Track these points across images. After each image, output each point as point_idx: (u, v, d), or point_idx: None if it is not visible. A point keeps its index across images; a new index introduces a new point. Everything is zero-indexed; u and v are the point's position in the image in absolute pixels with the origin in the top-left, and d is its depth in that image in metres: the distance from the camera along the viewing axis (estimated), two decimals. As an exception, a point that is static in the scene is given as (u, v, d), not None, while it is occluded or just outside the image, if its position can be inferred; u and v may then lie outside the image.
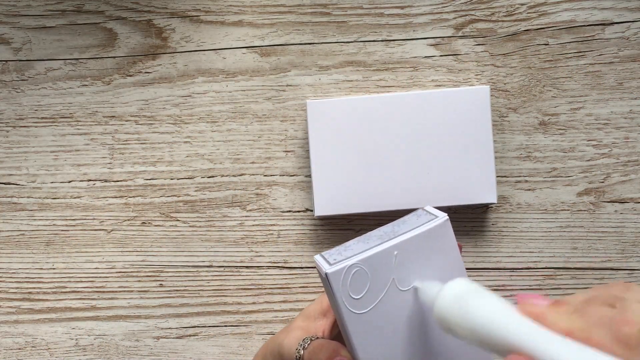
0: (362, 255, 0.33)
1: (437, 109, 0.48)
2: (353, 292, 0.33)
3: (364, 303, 0.33)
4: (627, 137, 0.50)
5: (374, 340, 0.33)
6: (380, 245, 0.33)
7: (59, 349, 0.53)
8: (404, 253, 0.34)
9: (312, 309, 0.41)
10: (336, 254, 0.34)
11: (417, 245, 0.34)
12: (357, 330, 0.33)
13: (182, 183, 0.52)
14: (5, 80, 0.52)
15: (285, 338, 0.39)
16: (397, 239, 0.34)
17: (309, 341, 0.37)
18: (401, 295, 0.34)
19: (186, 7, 0.51)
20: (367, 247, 0.34)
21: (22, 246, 0.53)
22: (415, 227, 0.34)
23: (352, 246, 0.35)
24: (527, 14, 0.49)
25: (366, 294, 0.33)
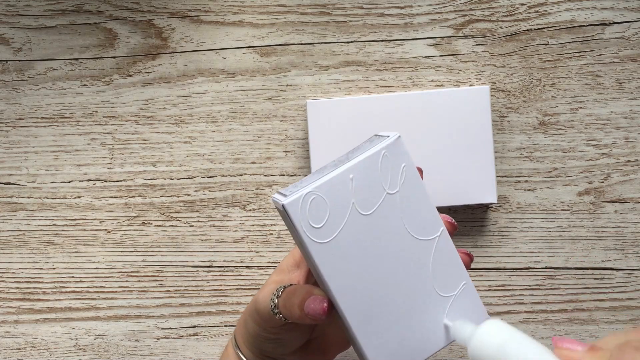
0: (317, 183, 0.32)
1: (437, 109, 0.48)
2: (314, 221, 0.32)
3: (327, 231, 0.32)
4: (627, 137, 0.50)
5: (343, 268, 0.33)
6: (334, 170, 0.33)
7: (59, 349, 0.53)
8: (360, 176, 0.33)
9: (284, 262, 0.41)
10: (292, 187, 0.33)
11: (372, 167, 0.33)
12: (323, 260, 0.33)
13: (182, 183, 0.52)
14: (5, 80, 0.52)
15: (259, 293, 0.39)
16: (351, 162, 0.33)
17: (282, 289, 0.37)
18: (364, 219, 0.33)
19: (186, 7, 0.51)
20: (321, 175, 0.33)
21: (22, 246, 0.53)
22: (368, 149, 0.34)
23: (308, 179, 0.34)
24: (527, 14, 0.50)
25: (327, 221, 0.32)
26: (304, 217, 0.32)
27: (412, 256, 0.34)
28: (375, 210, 0.33)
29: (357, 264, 0.33)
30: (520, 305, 0.51)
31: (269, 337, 0.39)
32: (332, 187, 0.33)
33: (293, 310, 0.35)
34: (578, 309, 0.51)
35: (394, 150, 0.34)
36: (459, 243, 0.51)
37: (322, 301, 0.34)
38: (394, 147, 0.34)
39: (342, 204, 0.33)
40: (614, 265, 0.51)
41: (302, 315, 0.34)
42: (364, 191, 0.33)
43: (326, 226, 0.32)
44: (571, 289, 0.51)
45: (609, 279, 0.51)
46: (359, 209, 0.33)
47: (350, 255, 0.33)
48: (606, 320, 0.51)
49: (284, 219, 0.34)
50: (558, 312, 0.51)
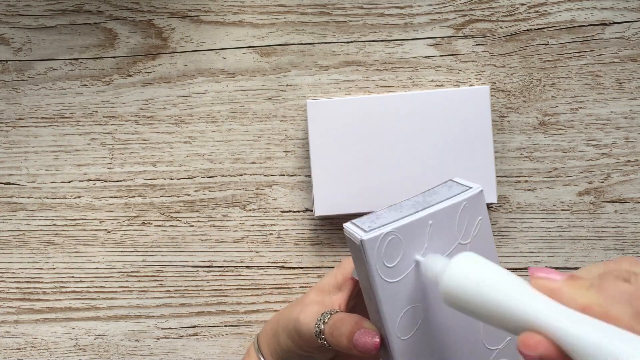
0: (398, 224, 0.32)
1: (437, 109, 0.48)
2: (386, 261, 0.32)
3: (396, 272, 0.32)
4: (627, 137, 0.50)
5: (403, 309, 0.33)
6: (416, 214, 0.33)
7: (59, 349, 0.53)
8: (438, 223, 0.33)
9: (326, 282, 0.40)
10: (369, 222, 0.33)
11: (451, 216, 0.33)
12: (387, 299, 0.32)
13: (182, 183, 0.52)
14: (5, 80, 0.52)
15: (300, 313, 0.38)
16: (432, 208, 0.33)
17: (329, 315, 0.36)
18: None
19: (186, 7, 0.51)
20: (401, 216, 0.33)
21: (22, 246, 0.53)
22: (449, 197, 0.34)
23: (384, 214, 0.34)
24: (527, 14, 0.49)
25: (399, 262, 0.32)
26: (379, 255, 0.32)
27: None
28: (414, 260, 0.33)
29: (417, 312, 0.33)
30: (520, 305, 0.51)
31: (301, 354, 0.39)
32: (411, 230, 0.33)
33: (341, 340, 0.35)
34: (578, 309, 0.51)
35: (474, 203, 0.34)
36: (459, 243, 0.51)
37: (374, 336, 0.34)
38: (475, 200, 0.34)
39: (417, 247, 0.33)
40: (614, 265, 0.51)
41: (350, 346, 0.34)
42: (438, 238, 0.33)
43: (397, 267, 0.33)
44: (571, 289, 0.51)
45: (609, 279, 0.51)
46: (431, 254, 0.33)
47: (412, 298, 0.33)
48: (606, 320, 0.51)
49: (353, 251, 0.34)
50: (558, 312, 0.51)
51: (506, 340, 0.36)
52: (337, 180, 0.48)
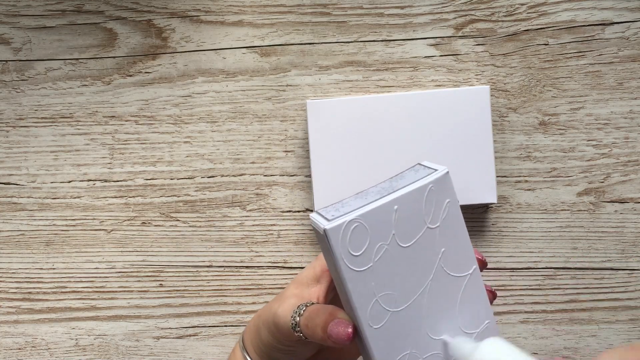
0: (361, 210, 0.32)
1: (437, 109, 0.48)
2: (352, 249, 0.32)
3: (364, 260, 0.32)
4: (627, 137, 0.50)
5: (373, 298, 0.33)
6: (380, 199, 0.32)
7: (59, 349, 0.53)
8: (404, 208, 0.32)
9: (304, 275, 0.40)
10: (333, 210, 0.33)
11: (417, 199, 0.33)
12: (356, 288, 0.32)
13: (182, 183, 0.52)
14: (5, 80, 0.52)
15: (279, 307, 0.38)
16: (397, 193, 0.33)
17: (304, 307, 0.36)
18: (401, 250, 0.33)
19: (186, 7, 0.51)
20: (365, 202, 0.32)
21: (22, 246, 0.53)
22: (414, 180, 0.33)
23: (349, 202, 0.33)
24: (527, 14, 0.50)
25: (365, 250, 0.32)
26: (344, 244, 0.32)
27: (442, 291, 0.34)
28: (413, 243, 0.33)
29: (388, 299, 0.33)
30: (520, 305, 0.51)
31: (283, 349, 0.39)
32: (375, 217, 0.32)
33: (315, 331, 0.35)
34: (578, 309, 0.51)
35: (440, 185, 0.33)
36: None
37: (347, 326, 0.33)
38: (441, 182, 0.33)
39: (383, 234, 0.32)
40: (614, 265, 0.51)
41: (325, 337, 0.34)
42: (405, 223, 0.33)
43: (364, 255, 0.32)
44: (571, 289, 0.51)
45: (609, 279, 0.51)
46: (398, 240, 0.33)
47: (383, 286, 0.33)
48: (606, 320, 0.51)
49: (320, 241, 0.34)
50: (558, 312, 0.51)
51: (485, 324, 0.36)
52: (337, 180, 0.48)
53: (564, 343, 0.51)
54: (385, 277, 0.33)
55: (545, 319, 0.51)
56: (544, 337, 0.51)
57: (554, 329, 0.51)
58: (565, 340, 0.51)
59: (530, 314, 0.51)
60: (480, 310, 0.35)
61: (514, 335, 0.51)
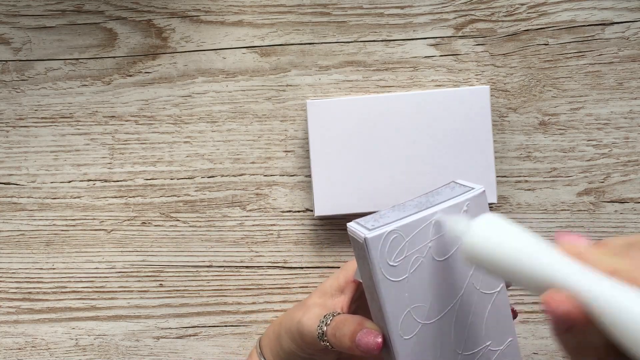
0: (401, 222, 0.32)
1: (437, 109, 0.48)
2: (390, 259, 0.32)
3: (400, 271, 0.33)
4: (627, 137, 0.50)
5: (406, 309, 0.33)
6: (418, 213, 0.33)
7: (59, 349, 0.53)
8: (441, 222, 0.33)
9: (328, 285, 0.40)
10: (372, 221, 0.33)
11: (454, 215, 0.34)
12: (390, 298, 0.33)
13: (182, 183, 0.52)
14: (5, 80, 0.52)
15: (303, 316, 0.39)
16: (435, 207, 0.33)
17: (331, 317, 0.37)
18: (435, 264, 0.33)
19: (186, 7, 0.51)
20: (404, 215, 0.33)
21: (22, 246, 0.53)
22: (452, 197, 0.34)
23: (387, 214, 0.34)
24: (527, 14, 0.49)
25: (402, 261, 0.33)
26: (383, 253, 0.32)
27: (471, 306, 0.35)
28: (448, 257, 0.34)
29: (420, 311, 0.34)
30: (520, 305, 0.51)
31: (304, 357, 0.39)
32: (414, 229, 0.33)
33: (343, 341, 0.35)
34: (578, 309, 0.51)
35: (476, 203, 0.34)
36: (459, 243, 0.51)
37: (377, 336, 0.34)
38: (477, 200, 0.34)
39: (420, 247, 0.33)
40: (614, 265, 0.51)
41: (353, 346, 0.34)
42: (442, 237, 0.33)
43: (400, 266, 0.33)
44: (571, 289, 0.51)
45: (609, 279, 0.51)
46: (433, 254, 0.33)
47: (416, 298, 0.33)
48: (606, 320, 0.51)
49: (357, 250, 0.34)
50: (558, 312, 0.51)
51: (508, 341, 0.36)
52: (337, 180, 0.48)
53: (564, 343, 0.51)
54: (418, 289, 0.33)
55: (545, 319, 0.51)
56: (544, 337, 0.51)
57: (554, 329, 0.51)
58: (565, 340, 0.51)
59: (530, 314, 0.51)
60: (505, 328, 0.36)
61: (514, 335, 0.51)
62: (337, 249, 0.51)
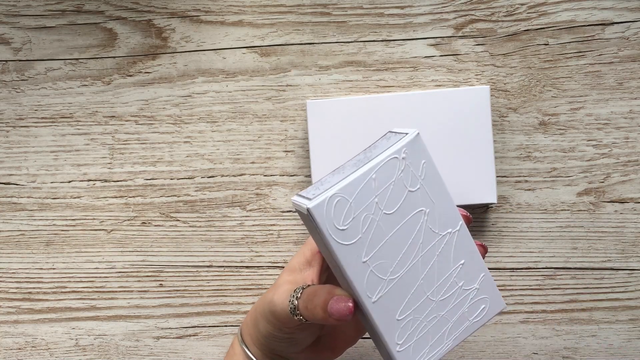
0: (340, 184, 0.32)
1: (437, 109, 0.48)
2: (338, 223, 0.32)
3: (352, 233, 0.32)
4: (627, 137, 0.50)
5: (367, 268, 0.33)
6: (357, 171, 0.33)
7: (59, 349, 0.53)
8: (382, 175, 0.33)
9: (295, 261, 0.40)
10: (313, 190, 0.33)
11: (393, 165, 0.33)
12: (349, 261, 0.33)
13: (182, 183, 0.52)
14: (5, 80, 0.52)
15: (274, 295, 0.38)
16: (372, 162, 0.33)
17: (301, 290, 0.36)
18: (387, 217, 0.33)
19: (186, 7, 0.51)
20: (343, 177, 0.33)
21: (22, 246, 0.53)
22: (388, 147, 0.34)
23: (327, 179, 0.34)
24: (527, 14, 0.50)
25: (352, 222, 0.32)
26: (329, 219, 0.32)
27: (433, 251, 0.34)
28: (397, 208, 0.33)
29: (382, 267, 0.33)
30: (520, 305, 0.51)
31: (282, 337, 0.39)
32: (355, 188, 0.32)
33: (316, 312, 0.35)
34: (578, 309, 0.51)
35: (413, 148, 0.34)
36: (459, 243, 0.51)
37: (347, 301, 0.34)
38: (414, 145, 0.34)
39: (366, 204, 0.33)
40: (614, 265, 0.51)
41: (326, 316, 0.34)
42: (386, 190, 0.33)
43: (350, 227, 0.32)
44: (571, 289, 0.51)
45: (609, 279, 0.51)
46: (382, 208, 0.33)
47: (375, 255, 0.33)
48: (606, 320, 0.51)
49: (306, 222, 0.34)
50: (558, 312, 0.51)
51: (480, 277, 0.36)
52: (337, 180, 0.48)
53: (564, 343, 0.51)
54: (376, 246, 0.33)
55: (545, 319, 0.51)
56: (544, 337, 0.51)
57: (554, 329, 0.51)
58: (565, 340, 0.51)
59: (530, 314, 0.51)
60: (474, 265, 0.36)
61: (514, 335, 0.51)
62: (337, 249, 0.51)
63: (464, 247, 0.35)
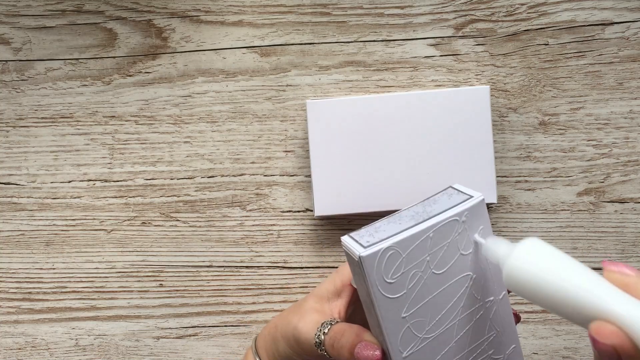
0: (397, 237, 0.31)
1: (437, 109, 0.48)
2: (387, 276, 0.31)
3: (397, 287, 0.32)
4: (627, 137, 0.50)
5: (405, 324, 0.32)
6: (415, 226, 0.32)
7: (59, 349, 0.53)
8: (439, 235, 0.32)
9: (324, 288, 0.40)
10: (367, 236, 0.32)
11: (452, 226, 0.32)
12: (388, 314, 0.32)
13: (182, 183, 0.52)
14: (5, 80, 0.52)
15: (299, 321, 0.38)
16: (432, 219, 0.32)
17: (329, 326, 0.36)
18: (434, 277, 0.32)
19: (186, 7, 0.51)
20: (400, 229, 0.32)
21: (22, 246, 0.53)
22: (449, 207, 0.33)
23: (383, 227, 0.33)
24: (527, 14, 0.49)
25: (400, 277, 0.31)
26: (379, 271, 0.31)
27: (471, 317, 0.34)
28: (446, 270, 0.33)
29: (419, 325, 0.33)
30: (520, 305, 0.51)
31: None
32: (411, 244, 0.32)
33: (342, 353, 0.34)
34: (578, 309, 0.51)
35: (475, 212, 0.33)
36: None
37: (375, 349, 0.33)
38: (476, 209, 0.33)
39: (417, 261, 0.32)
40: (614, 265, 0.51)
41: (351, 359, 0.34)
42: (439, 250, 0.32)
43: (398, 282, 0.32)
44: (571, 289, 0.51)
45: (609, 279, 0.51)
46: (432, 267, 0.32)
47: (415, 313, 0.32)
48: (606, 320, 0.51)
49: (353, 266, 0.33)
50: (558, 312, 0.51)
51: (511, 348, 0.35)
52: (337, 180, 0.48)
53: (564, 343, 0.51)
54: (417, 304, 0.32)
55: (545, 319, 0.51)
56: (544, 337, 0.51)
57: (554, 329, 0.51)
58: (565, 340, 0.51)
59: (530, 314, 0.51)
60: (507, 335, 0.35)
61: (514, 335, 0.51)
62: (337, 249, 0.52)
63: (502, 316, 0.35)
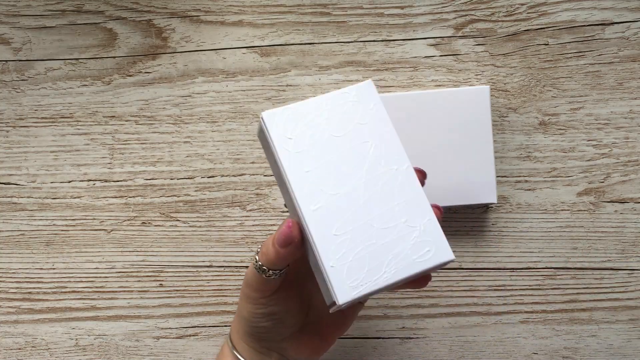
0: (296, 104, 0.36)
1: (437, 109, 0.48)
2: (286, 133, 0.36)
3: (297, 143, 0.36)
4: (627, 137, 0.50)
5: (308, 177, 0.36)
6: (313, 98, 0.37)
7: (59, 349, 0.53)
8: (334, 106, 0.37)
9: None
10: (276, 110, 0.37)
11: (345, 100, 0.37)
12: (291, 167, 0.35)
13: (182, 183, 0.52)
14: (5, 80, 0.52)
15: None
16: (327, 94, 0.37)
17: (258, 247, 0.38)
18: (334, 140, 0.36)
19: (186, 7, 0.51)
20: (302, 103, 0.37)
21: (22, 246, 0.53)
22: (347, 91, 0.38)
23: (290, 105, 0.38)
24: (527, 14, 0.50)
25: (299, 134, 0.36)
26: (279, 128, 0.36)
27: (377, 181, 0.36)
28: (345, 134, 0.36)
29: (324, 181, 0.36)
30: (520, 305, 0.51)
31: (263, 313, 0.39)
32: (308, 108, 0.36)
33: (269, 252, 0.36)
34: (578, 309, 0.51)
35: (365, 91, 0.37)
36: (460, 242, 0.51)
37: (287, 222, 0.35)
38: (365, 89, 0.37)
39: (315, 122, 0.36)
40: (614, 265, 0.51)
41: (276, 249, 0.36)
42: (336, 118, 0.36)
43: (298, 138, 0.36)
44: (571, 289, 0.51)
45: (609, 279, 0.51)
46: (329, 129, 0.36)
47: (318, 169, 0.36)
48: (606, 320, 0.51)
49: (262, 139, 0.37)
50: (558, 312, 0.51)
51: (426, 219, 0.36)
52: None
53: (564, 343, 0.51)
54: (320, 161, 0.36)
55: (545, 319, 0.51)
56: (544, 337, 0.51)
57: (554, 329, 0.51)
58: (565, 340, 0.51)
59: (530, 314, 0.51)
60: (419, 207, 0.36)
61: (514, 335, 0.51)
62: (337, 249, 0.51)
63: (409, 188, 0.36)
